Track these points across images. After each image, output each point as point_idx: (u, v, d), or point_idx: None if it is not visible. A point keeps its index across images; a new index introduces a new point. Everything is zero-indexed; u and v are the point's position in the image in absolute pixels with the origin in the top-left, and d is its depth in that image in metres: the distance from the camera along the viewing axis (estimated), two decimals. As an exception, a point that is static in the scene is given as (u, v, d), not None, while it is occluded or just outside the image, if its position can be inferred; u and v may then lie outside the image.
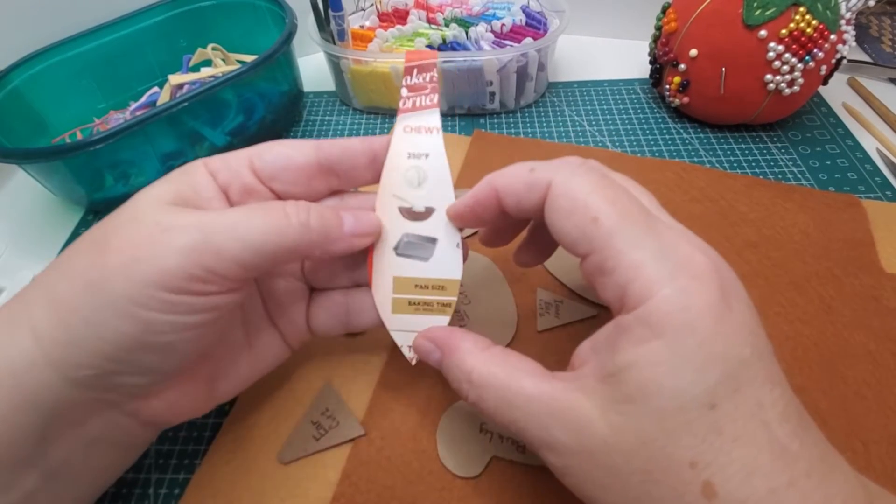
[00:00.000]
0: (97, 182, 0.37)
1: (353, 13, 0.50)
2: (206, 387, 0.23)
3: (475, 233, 0.34)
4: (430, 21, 0.47)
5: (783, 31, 0.35)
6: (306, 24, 0.44)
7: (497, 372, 0.19)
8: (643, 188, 0.21)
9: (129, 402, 0.20)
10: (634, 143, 0.42)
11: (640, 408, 0.16)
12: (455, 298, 0.23)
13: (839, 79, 0.47)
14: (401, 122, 0.24)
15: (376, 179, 0.24)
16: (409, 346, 0.23)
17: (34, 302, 0.19)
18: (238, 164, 0.22)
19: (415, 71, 0.24)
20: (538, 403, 0.18)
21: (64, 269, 0.19)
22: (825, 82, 0.39)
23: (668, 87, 0.42)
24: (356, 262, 0.25)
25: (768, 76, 0.37)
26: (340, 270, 0.25)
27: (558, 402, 0.18)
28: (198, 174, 0.21)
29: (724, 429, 0.15)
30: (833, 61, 0.38)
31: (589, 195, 0.18)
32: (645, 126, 0.44)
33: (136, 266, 0.18)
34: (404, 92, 0.24)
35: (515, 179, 0.20)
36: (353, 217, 0.22)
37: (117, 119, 0.44)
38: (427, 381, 0.27)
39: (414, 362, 0.24)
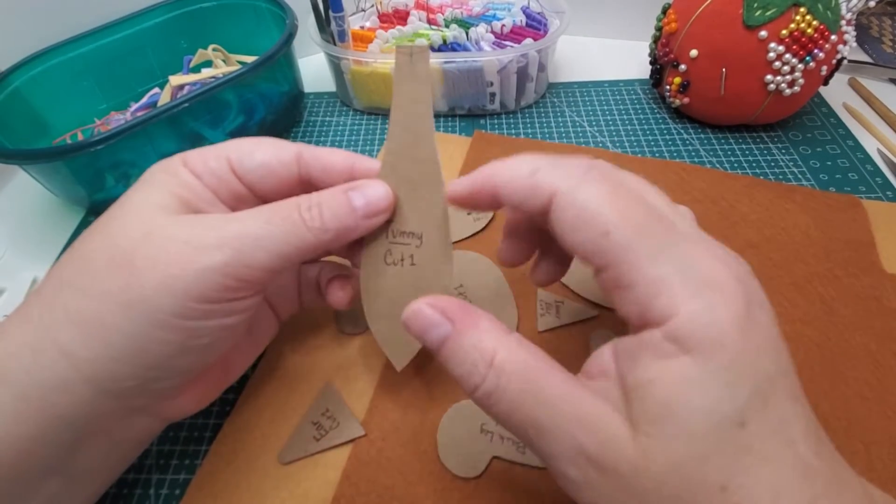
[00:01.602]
0: (98, 183, 0.37)
1: (354, 14, 0.50)
2: (222, 375, 0.24)
3: (475, 234, 0.34)
4: (430, 22, 0.47)
5: (783, 32, 0.35)
6: (307, 24, 0.44)
7: (528, 359, 0.17)
8: (657, 189, 0.19)
9: (158, 403, 0.21)
10: (635, 144, 0.42)
11: (669, 428, 0.15)
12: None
13: (840, 79, 0.47)
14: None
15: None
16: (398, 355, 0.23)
17: (53, 325, 0.18)
18: (219, 166, 0.22)
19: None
20: (568, 405, 0.16)
21: (84, 288, 0.19)
22: (826, 83, 0.39)
23: (668, 87, 0.42)
24: None
25: (769, 76, 0.37)
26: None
27: (587, 409, 0.16)
28: (183, 175, 0.21)
29: (753, 447, 0.15)
30: (833, 62, 0.38)
31: (599, 207, 0.17)
32: (645, 126, 0.44)
33: (175, 284, 0.18)
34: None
35: (516, 180, 0.19)
36: (363, 197, 0.21)
37: (118, 120, 0.44)
38: (427, 381, 0.27)
39: (399, 369, 0.24)
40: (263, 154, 0.22)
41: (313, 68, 0.51)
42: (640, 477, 0.15)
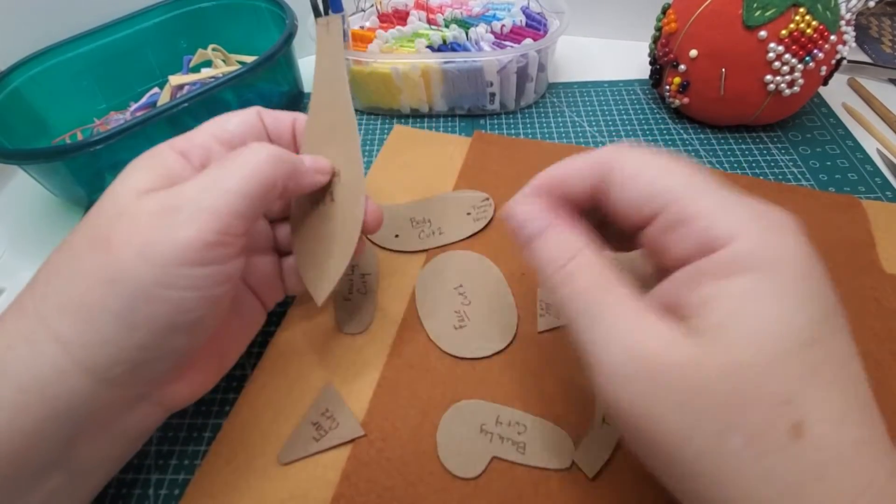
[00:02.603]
0: (97, 183, 0.37)
1: (354, 14, 0.50)
2: (217, 362, 0.25)
3: (475, 234, 0.34)
4: (430, 22, 0.47)
5: (783, 32, 0.35)
6: (306, 24, 0.44)
7: (606, 263, 0.18)
8: None
9: (157, 390, 0.21)
10: (634, 144, 0.42)
11: (732, 334, 0.15)
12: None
13: (839, 79, 0.47)
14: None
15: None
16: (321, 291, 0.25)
17: (47, 315, 0.18)
18: (204, 140, 0.23)
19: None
20: (632, 301, 0.17)
21: (69, 274, 0.19)
22: (825, 83, 0.39)
23: (668, 87, 0.42)
24: None
25: (768, 77, 0.37)
26: None
27: (649, 311, 0.16)
28: (167, 156, 0.22)
29: (820, 370, 0.14)
30: (833, 62, 0.38)
31: (653, 159, 0.18)
32: (645, 127, 0.44)
33: (151, 250, 0.18)
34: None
35: (573, 165, 0.20)
36: (309, 157, 0.25)
37: (118, 120, 0.44)
38: (427, 381, 0.27)
39: (320, 303, 0.25)
40: (234, 115, 0.25)
41: (313, 68, 0.51)
42: (691, 375, 0.15)
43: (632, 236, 0.20)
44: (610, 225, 0.21)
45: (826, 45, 0.36)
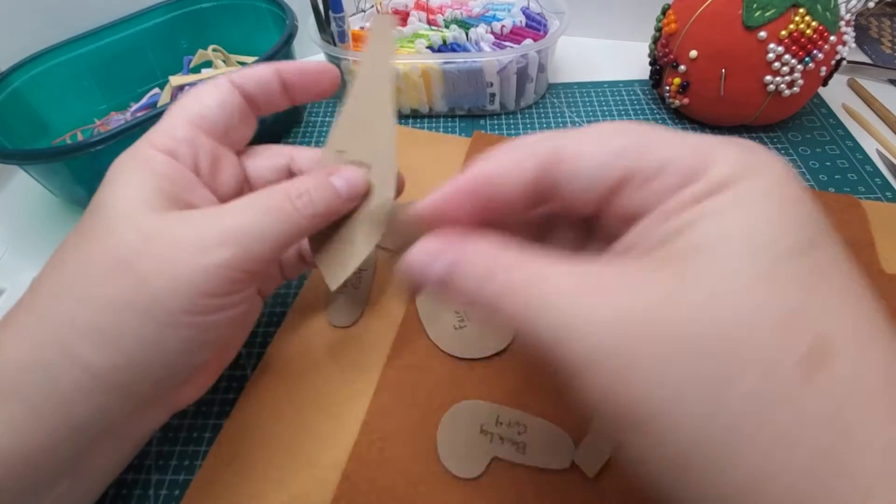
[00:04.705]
0: (98, 183, 0.37)
1: (354, 14, 0.50)
2: (219, 360, 0.25)
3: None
4: (430, 22, 0.47)
5: (783, 33, 0.35)
6: (307, 25, 0.44)
7: (530, 254, 0.15)
8: None
9: (169, 397, 0.22)
10: (634, 145, 0.42)
11: (714, 252, 0.12)
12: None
13: (839, 80, 0.47)
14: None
15: (293, 102, 0.25)
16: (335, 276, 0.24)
17: (67, 340, 0.18)
18: (185, 133, 0.22)
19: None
20: (570, 278, 0.14)
21: (90, 299, 0.18)
22: (825, 83, 0.39)
23: (668, 88, 0.42)
24: None
25: (768, 77, 0.37)
26: None
27: (593, 275, 0.13)
28: (157, 162, 0.21)
29: (829, 274, 0.12)
30: (833, 62, 0.38)
31: (597, 127, 0.15)
32: (645, 127, 0.44)
33: (183, 284, 0.19)
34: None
35: (506, 160, 0.17)
36: (344, 182, 0.23)
37: (118, 120, 0.44)
38: (428, 382, 0.27)
39: (333, 288, 0.24)
40: (207, 95, 0.23)
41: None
42: (666, 316, 0.12)
43: (588, 226, 0.17)
44: (559, 223, 0.19)
45: (826, 46, 0.36)
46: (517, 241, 0.16)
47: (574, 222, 0.19)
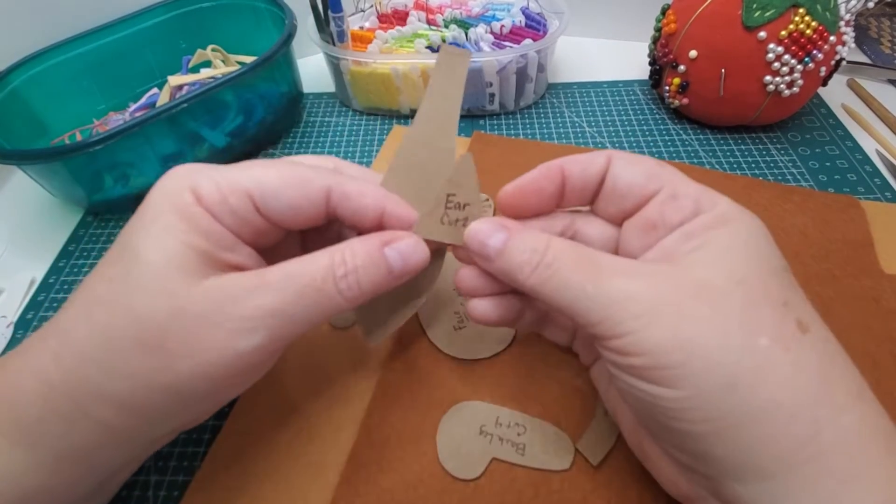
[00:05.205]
0: (97, 183, 0.37)
1: (353, 14, 0.50)
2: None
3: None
4: (429, 22, 0.47)
5: (783, 33, 0.35)
6: (306, 25, 0.44)
7: (576, 245, 0.20)
8: None
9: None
10: (634, 145, 0.42)
11: (732, 257, 0.18)
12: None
13: (838, 80, 0.47)
14: None
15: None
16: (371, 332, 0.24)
17: (88, 403, 0.18)
18: (241, 206, 0.20)
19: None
20: (622, 263, 0.19)
21: (116, 372, 0.18)
22: (824, 84, 0.39)
23: (667, 88, 0.42)
24: None
25: (768, 77, 0.37)
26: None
27: (637, 264, 0.19)
28: (199, 218, 0.19)
29: (795, 285, 0.19)
30: (832, 63, 0.38)
31: (645, 157, 0.22)
32: (644, 127, 0.44)
33: (211, 370, 0.18)
34: None
35: (577, 158, 0.22)
36: (400, 258, 0.20)
37: (117, 120, 0.44)
38: (427, 383, 0.27)
39: (373, 344, 0.24)
40: (291, 194, 0.20)
41: (312, 69, 0.51)
42: (710, 287, 0.17)
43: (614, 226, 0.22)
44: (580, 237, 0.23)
45: (825, 46, 0.36)
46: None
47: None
